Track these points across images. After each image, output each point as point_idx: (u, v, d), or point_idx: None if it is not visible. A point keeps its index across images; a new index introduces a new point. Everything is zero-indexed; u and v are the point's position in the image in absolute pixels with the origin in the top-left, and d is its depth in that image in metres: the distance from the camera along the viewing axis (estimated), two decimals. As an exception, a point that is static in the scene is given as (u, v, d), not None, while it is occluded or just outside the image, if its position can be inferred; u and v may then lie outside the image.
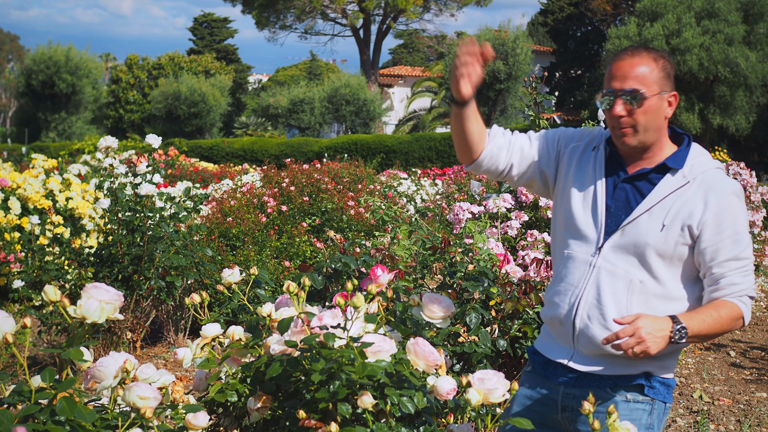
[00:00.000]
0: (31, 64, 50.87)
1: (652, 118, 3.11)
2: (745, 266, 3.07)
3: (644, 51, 3.15)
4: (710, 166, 3.14)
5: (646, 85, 3.08)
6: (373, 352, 3.12)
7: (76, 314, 2.49)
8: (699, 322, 2.96)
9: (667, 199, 3.09)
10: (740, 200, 3.09)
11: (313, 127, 49.46)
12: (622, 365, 3.14)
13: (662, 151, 3.18)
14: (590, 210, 3.22)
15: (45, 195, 11.51)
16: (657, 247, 3.08)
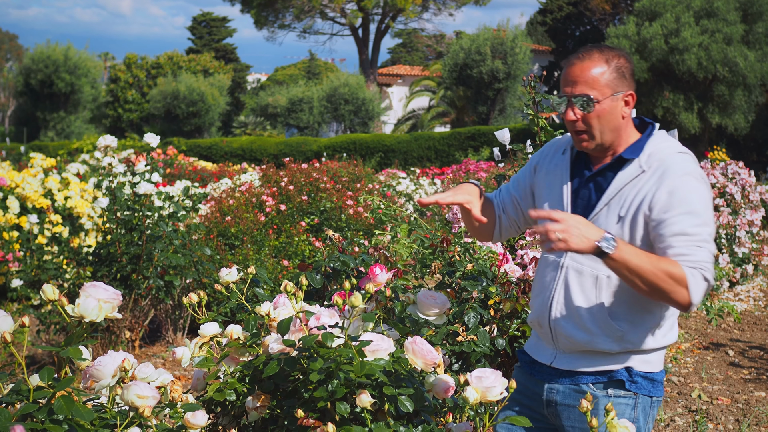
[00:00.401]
0: (29, 63, 50.84)
1: (607, 121, 3.10)
2: (696, 241, 2.94)
3: (597, 52, 3.12)
4: (671, 152, 3.10)
5: (597, 89, 3.07)
6: (372, 351, 3.12)
7: (75, 313, 2.49)
8: (634, 251, 2.88)
9: (623, 190, 3.08)
10: (697, 182, 3.03)
11: (312, 126, 49.46)
12: (603, 361, 3.14)
13: (624, 145, 3.17)
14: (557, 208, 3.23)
15: (44, 194, 11.52)
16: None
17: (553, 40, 55.21)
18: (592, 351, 3.14)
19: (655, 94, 35.12)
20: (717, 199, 11.69)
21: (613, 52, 3.13)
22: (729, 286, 11.99)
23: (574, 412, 3.16)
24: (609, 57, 3.10)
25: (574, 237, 2.83)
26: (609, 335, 3.10)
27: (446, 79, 44.08)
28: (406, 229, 6.43)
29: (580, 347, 3.15)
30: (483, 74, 42.12)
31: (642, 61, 34.76)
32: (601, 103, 3.06)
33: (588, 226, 2.86)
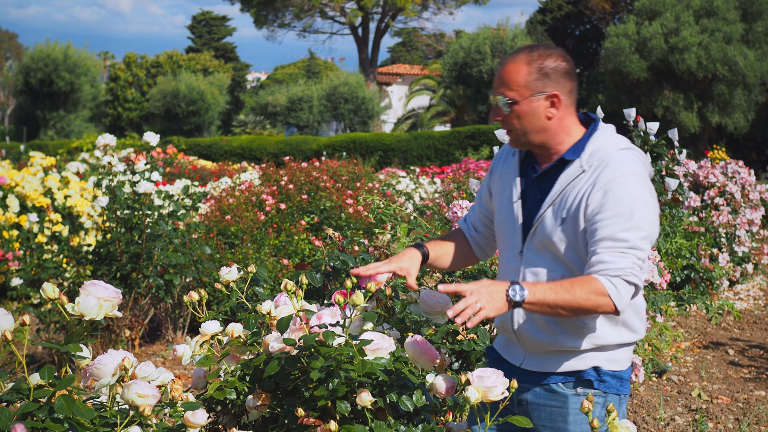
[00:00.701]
0: (29, 62, 50.84)
1: (528, 122, 3.09)
2: (621, 247, 2.91)
3: (522, 54, 3.11)
4: (612, 150, 3.06)
5: (516, 90, 3.07)
6: (372, 350, 3.12)
7: (75, 311, 2.49)
8: (545, 289, 2.89)
9: (564, 191, 3.06)
10: (635, 182, 2.98)
11: (312, 125, 49.47)
12: (571, 361, 3.14)
13: (565, 144, 3.14)
14: (510, 216, 3.24)
15: (43, 193, 11.52)
16: (563, 242, 3.06)
17: (553, 39, 55.15)
18: (559, 350, 3.14)
19: (655, 93, 35.14)
20: (717, 198, 11.68)
21: (540, 52, 3.10)
22: (729, 285, 11.99)
23: (545, 411, 3.17)
24: (533, 58, 3.08)
25: (487, 302, 2.83)
26: (572, 332, 3.09)
27: (446, 78, 44.10)
28: (406, 228, 6.43)
29: (547, 348, 3.15)
30: (483, 73, 42.12)
31: (642, 60, 34.79)
32: (520, 104, 3.07)
33: (494, 285, 2.86)
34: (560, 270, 3.08)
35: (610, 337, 3.11)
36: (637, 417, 6.63)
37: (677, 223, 8.04)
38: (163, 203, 8.22)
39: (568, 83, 3.10)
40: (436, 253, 3.43)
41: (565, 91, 3.09)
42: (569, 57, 3.14)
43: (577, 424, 3.17)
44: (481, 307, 2.80)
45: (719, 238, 10.93)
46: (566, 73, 3.10)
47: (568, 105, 3.11)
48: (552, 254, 3.10)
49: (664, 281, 6.12)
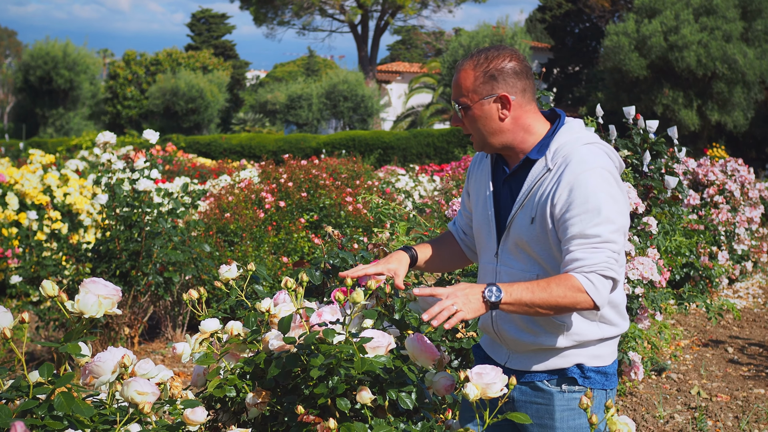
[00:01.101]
0: (28, 60, 50.83)
1: (483, 125, 3.11)
2: (594, 243, 2.92)
3: (470, 60, 3.13)
4: (576, 146, 3.06)
5: (465, 95, 3.10)
6: (372, 348, 3.12)
7: (74, 309, 2.49)
8: (522, 289, 2.89)
9: (532, 191, 3.07)
10: (599, 176, 2.98)
11: (311, 123, 49.46)
12: (554, 359, 3.15)
13: (528, 143, 3.14)
14: (485, 218, 3.26)
15: (43, 190, 11.51)
16: (535, 241, 3.06)
17: (552, 38, 55.20)
18: (540, 349, 3.14)
19: (655, 91, 35.16)
20: (716, 196, 11.68)
21: (486, 55, 3.12)
22: (728, 283, 12.01)
23: (531, 408, 3.17)
24: (479, 61, 3.10)
25: (463, 304, 2.83)
26: (552, 331, 3.10)
27: (445, 76, 44.10)
28: (405, 227, 6.42)
29: (529, 347, 3.16)
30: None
31: (641, 59, 34.80)
32: (472, 108, 3.10)
33: (470, 288, 2.88)
34: (534, 270, 3.10)
35: (589, 333, 3.12)
36: (637, 415, 6.64)
37: (677, 221, 8.03)
38: (162, 201, 8.22)
39: (518, 82, 3.10)
40: (424, 255, 3.47)
41: (515, 90, 3.09)
42: (521, 55, 3.14)
43: (563, 421, 3.18)
44: (457, 310, 2.81)
45: (719, 236, 10.92)
46: (515, 72, 3.09)
47: (522, 104, 3.11)
48: (525, 254, 3.11)
49: (663, 279, 6.11)
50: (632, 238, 6.12)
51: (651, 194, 7.47)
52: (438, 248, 3.54)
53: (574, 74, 54.98)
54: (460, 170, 17.40)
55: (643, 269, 5.83)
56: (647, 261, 5.90)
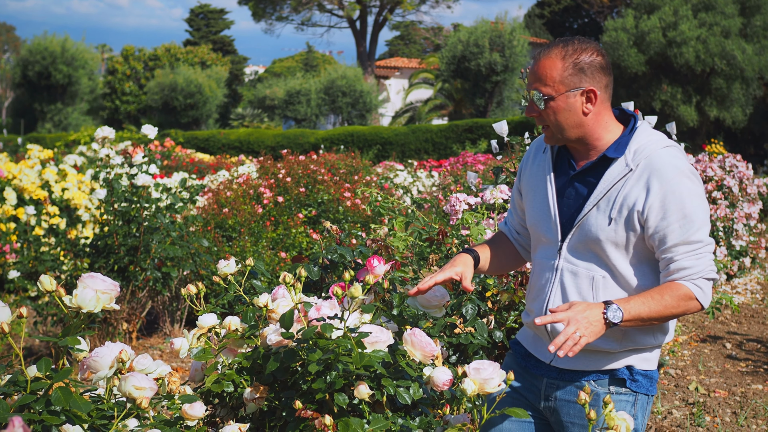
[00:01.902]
0: (27, 55, 50.75)
1: (564, 118, 3.05)
2: (697, 249, 2.97)
3: (556, 48, 3.06)
4: (656, 148, 3.03)
5: (551, 85, 3.03)
6: (371, 343, 3.12)
7: (72, 304, 2.49)
8: (638, 304, 2.91)
9: (611, 190, 3.02)
10: (689, 180, 2.99)
11: (310, 118, 49.43)
12: (605, 360, 3.12)
13: (603, 140, 3.10)
14: (545, 213, 3.20)
15: (41, 185, 11.51)
16: (610, 241, 3.03)
17: (551, 33, 55.20)
18: (593, 351, 3.11)
19: (653, 87, 35.14)
20: (715, 191, 11.69)
21: (575, 47, 3.05)
22: (726, 279, 12.01)
23: (575, 408, 3.13)
24: (568, 52, 3.04)
25: (586, 328, 2.82)
26: (610, 336, 3.06)
27: (444, 71, 44.07)
28: (403, 222, 6.42)
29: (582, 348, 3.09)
30: (481, 67, 42.09)
31: (640, 54, 34.78)
32: (556, 100, 3.03)
33: (589, 309, 2.86)
34: (601, 269, 3.07)
35: (645, 341, 3.11)
36: (635, 410, 6.64)
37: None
38: (160, 196, 8.22)
39: (603, 78, 3.07)
40: (485, 257, 3.41)
41: (601, 86, 3.06)
42: (604, 51, 3.11)
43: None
44: (581, 336, 2.79)
45: (717, 232, 10.94)
46: (601, 67, 3.06)
47: (604, 100, 3.09)
48: (593, 253, 3.08)
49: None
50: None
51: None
52: (495, 249, 3.47)
53: (572, 70, 55.00)
54: (459, 165, 17.39)
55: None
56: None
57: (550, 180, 3.21)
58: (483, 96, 43.17)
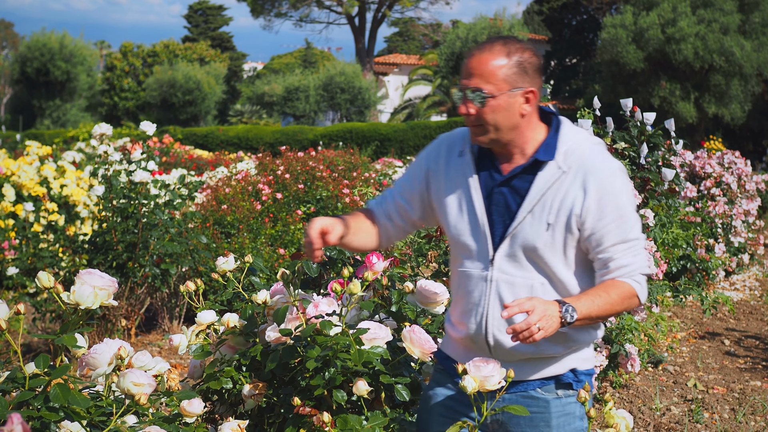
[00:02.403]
0: (25, 52, 50.70)
1: (503, 118, 2.92)
2: (633, 246, 2.96)
3: (499, 45, 2.93)
4: (586, 148, 2.98)
5: (493, 83, 2.89)
6: (369, 339, 3.12)
7: (70, 300, 2.48)
8: (588, 303, 2.87)
9: (546, 195, 2.94)
10: (621, 178, 2.97)
11: (308, 115, 49.42)
12: (548, 366, 3.08)
13: (531, 142, 3.00)
14: (472, 224, 3.05)
15: (39, 182, 11.50)
16: (547, 247, 2.95)
17: (550, 30, 55.18)
18: (537, 358, 3.06)
19: (652, 83, 35.14)
20: (713, 188, 11.69)
21: (517, 45, 2.94)
22: (725, 276, 12.02)
23: (524, 418, 3.04)
24: (511, 50, 2.92)
25: (546, 322, 2.76)
26: (554, 340, 3.00)
27: (443, 68, 44.10)
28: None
29: (524, 356, 3.04)
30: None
31: (639, 51, 34.79)
32: (497, 98, 2.90)
33: (547, 305, 2.79)
34: (539, 276, 2.99)
35: (584, 338, 3.08)
36: (633, 407, 6.64)
37: (673, 213, 8.03)
38: (159, 193, 8.21)
39: (540, 80, 2.99)
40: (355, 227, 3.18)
41: (538, 87, 2.97)
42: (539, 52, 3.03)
43: (560, 427, 3.11)
44: (539, 328, 2.74)
45: (715, 229, 10.94)
46: (540, 69, 2.98)
47: (537, 103, 3.00)
48: (529, 261, 2.98)
49: (660, 272, 6.12)
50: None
51: (648, 186, 7.47)
52: (357, 224, 3.21)
53: (571, 66, 54.98)
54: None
55: (640, 261, 5.83)
56: (644, 253, 5.90)
57: (475, 187, 3.06)
58: (481, 93, 43.14)
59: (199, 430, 2.86)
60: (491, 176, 3.04)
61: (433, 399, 3.20)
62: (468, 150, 3.09)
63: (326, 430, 2.84)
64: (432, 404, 3.20)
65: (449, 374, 3.19)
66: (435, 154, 3.21)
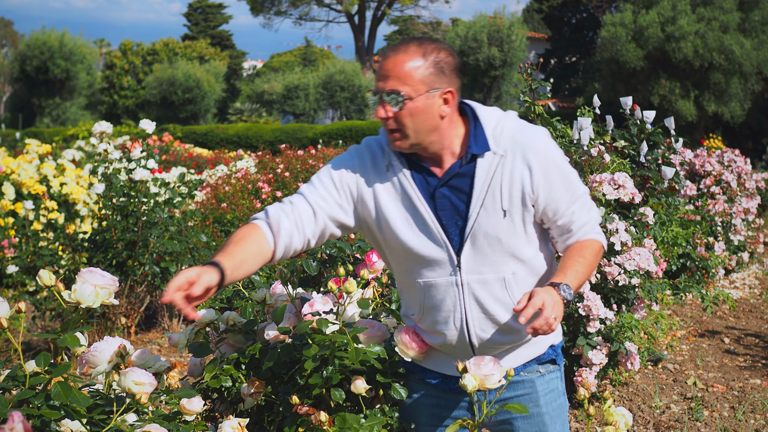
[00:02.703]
0: (25, 50, 50.68)
1: (421, 120, 2.83)
2: (584, 201, 2.98)
3: (414, 45, 2.84)
4: (510, 125, 2.93)
5: (410, 85, 2.80)
6: (366, 338, 3.12)
7: (71, 299, 2.49)
8: (574, 274, 2.88)
9: (492, 185, 2.88)
10: (551, 141, 2.95)
11: (308, 113, 49.44)
12: (529, 349, 3.12)
13: (456, 140, 2.93)
14: (425, 233, 2.94)
15: (39, 180, 11.51)
16: (510, 233, 2.91)
17: (550, 28, 55.19)
18: (518, 344, 3.09)
19: (652, 81, 35.12)
20: (713, 186, 11.69)
21: (433, 45, 2.85)
22: (724, 274, 12.01)
23: (512, 402, 3.01)
24: (427, 50, 2.83)
25: (557, 309, 2.76)
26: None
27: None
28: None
29: (506, 346, 3.05)
30: (479, 61, 42.11)
31: (638, 49, 34.77)
32: (414, 100, 2.81)
33: (547, 293, 2.76)
34: (506, 268, 2.95)
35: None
36: (633, 405, 6.64)
37: (673, 211, 8.04)
38: (159, 191, 8.21)
39: (458, 80, 2.91)
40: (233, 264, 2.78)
41: (456, 87, 2.90)
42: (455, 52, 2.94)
43: (548, 404, 3.15)
44: (555, 318, 2.73)
45: (715, 227, 10.94)
46: (457, 68, 2.90)
47: (456, 103, 2.92)
48: (494, 253, 2.93)
49: (660, 270, 6.12)
50: (629, 229, 6.12)
51: (648, 185, 7.47)
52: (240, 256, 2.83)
53: (570, 65, 54.96)
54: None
55: (640, 260, 5.83)
56: (644, 251, 5.90)
57: (416, 197, 2.95)
58: (481, 91, 43.17)
59: (198, 428, 2.86)
60: (426, 181, 2.96)
61: (417, 409, 3.22)
62: (394, 162, 2.98)
63: (324, 428, 2.85)
64: (417, 415, 3.23)
65: (425, 381, 3.20)
66: (360, 169, 3.04)
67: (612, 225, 5.92)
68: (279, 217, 2.94)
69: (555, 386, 3.19)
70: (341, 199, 3.01)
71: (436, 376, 3.18)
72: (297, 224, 2.95)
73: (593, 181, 6.14)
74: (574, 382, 5.91)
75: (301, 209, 2.97)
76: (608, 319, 5.70)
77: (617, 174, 6.17)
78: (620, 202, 6.56)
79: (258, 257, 2.87)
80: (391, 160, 2.98)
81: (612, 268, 5.81)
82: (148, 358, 2.97)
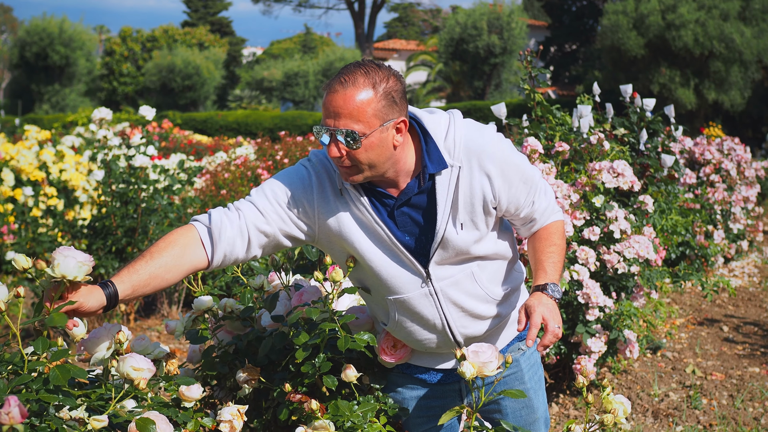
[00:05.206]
0: (24, 36, 50.60)
1: (377, 155, 2.73)
2: (540, 187, 3.00)
3: (361, 77, 2.70)
4: (459, 133, 2.85)
5: (364, 122, 2.67)
6: (357, 326, 3.14)
7: (56, 273, 2.48)
8: (553, 267, 2.96)
9: (455, 198, 2.85)
10: (503, 142, 2.89)
11: (308, 100, 49.42)
12: (510, 329, 3.20)
13: (410, 160, 2.85)
14: (389, 254, 2.91)
15: (38, 167, 11.50)
16: (474, 240, 2.90)
17: (550, 15, 55.05)
18: (499, 327, 3.15)
19: (652, 70, 35.07)
20: (713, 175, 11.68)
21: (380, 74, 2.72)
22: (724, 262, 12.01)
23: (499, 384, 3.14)
24: (376, 81, 2.70)
25: (556, 315, 2.83)
26: (507, 303, 3.10)
27: (442, 53, 44.05)
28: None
29: (489, 331, 3.10)
30: (479, 49, 42.06)
31: (639, 37, 34.71)
32: (369, 137, 2.69)
33: (538, 300, 2.84)
34: (471, 264, 2.97)
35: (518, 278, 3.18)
36: (632, 393, 6.65)
37: (673, 199, 8.03)
38: (158, 177, 8.21)
39: (406, 105, 2.81)
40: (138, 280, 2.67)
41: (406, 113, 2.80)
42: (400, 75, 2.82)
43: (531, 379, 3.24)
44: (558, 327, 2.80)
45: (714, 215, 10.93)
46: (404, 94, 2.79)
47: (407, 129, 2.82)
48: (459, 256, 2.93)
49: (659, 258, 6.12)
50: (628, 217, 6.12)
51: (647, 173, 7.47)
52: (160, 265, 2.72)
53: (571, 53, 54.86)
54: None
55: (639, 248, 5.83)
56: (643, 240, 5.90)
57: (377, 222, 2.89)
58: (481, 78, 43.13)
59: (198, 415, 2.86)
60: (384, 203, 2.91)
61: (403, 403, 3.25)
62: (348, 187, 2.88)
63: (317, 415, 2.86)
64: (404, 407, 3.25)
65: (410, 375, 3.23)
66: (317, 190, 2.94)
67: (611, 213, 5.92)
68: (222, 223, 2.85)
69: (535, 359, 3.27)
70: (293, 215, 2.92)
71: (421, 371, 3.21)
72: (242, 232, 2.86)
73: (592, 169, 6.14)
74: (573, 370, 5.92)
75: (249, 217, 2.88)
76: (607, 307, 5.70)
77: (616, 162, 6.16)
78: (619, 190, 6.56)
79: (183, 267, 2.77)
80: (344, 185, 2.89)
81: (611, 256, 5.81)
82: (147, 344, 2.98)
